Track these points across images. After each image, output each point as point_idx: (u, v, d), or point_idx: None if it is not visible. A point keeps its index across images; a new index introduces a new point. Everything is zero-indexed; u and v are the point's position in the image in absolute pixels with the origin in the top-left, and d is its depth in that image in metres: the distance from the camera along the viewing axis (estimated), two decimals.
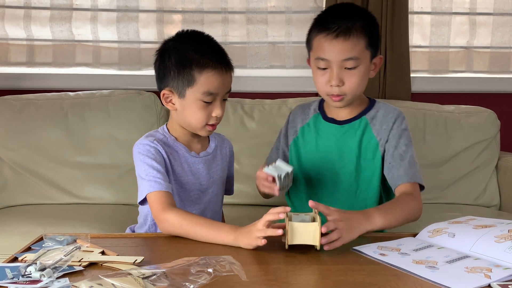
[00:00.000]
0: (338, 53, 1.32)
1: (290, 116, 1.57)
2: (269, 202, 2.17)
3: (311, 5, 2.50)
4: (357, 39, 1.32)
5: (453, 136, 2.28)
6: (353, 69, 1.34)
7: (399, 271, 0.97)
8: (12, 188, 2.14)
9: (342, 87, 1.34)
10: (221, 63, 1.28)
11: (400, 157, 1.38)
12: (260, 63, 2.51)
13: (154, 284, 0.86)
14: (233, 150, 1.51)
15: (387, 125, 1.41)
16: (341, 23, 1.32)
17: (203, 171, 1.36)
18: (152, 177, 1.24)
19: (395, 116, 1.42)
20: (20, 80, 2.44)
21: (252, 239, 1.07)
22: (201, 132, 1.33)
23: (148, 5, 2.48)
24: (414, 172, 1.36)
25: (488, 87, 2.60)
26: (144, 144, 1.29)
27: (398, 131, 1.40)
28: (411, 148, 1.40)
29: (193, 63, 1.26)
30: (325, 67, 1.35)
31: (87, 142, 2.17)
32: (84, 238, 1.09)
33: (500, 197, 2.29)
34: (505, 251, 1.00)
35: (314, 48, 1.38)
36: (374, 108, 1.45)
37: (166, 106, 1.33)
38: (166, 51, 1.31)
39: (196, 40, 1.32)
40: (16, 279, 0.89)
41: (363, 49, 1.34)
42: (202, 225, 1.14)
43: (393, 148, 1.39)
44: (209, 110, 1.29)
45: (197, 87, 1.26)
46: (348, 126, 1.44)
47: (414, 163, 1.38)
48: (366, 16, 1.39)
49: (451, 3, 2.53)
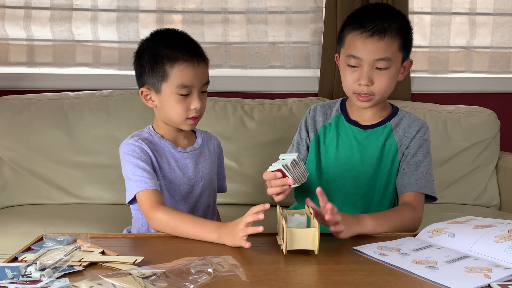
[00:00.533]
0: (371, 52, 1.31)
1: (310, 113, 1.52)
2: (268, 202, 2.17)
3: (311, 5, 2.50)
4: (392, 40, 1.31)
5: (453, 136, 2.28)
6: (384, 70, 1.32)
7: (399, 271, 0.97)
8: (12, 188, 2.14)
9: (371, 87, 1.33)
10: (192, 54, 1.29)
11: (415, 165, 1.38)
12: (260, 63, 2.51)
13: (154, 284, 0.86)
14: (221, 146, 1.53)
15: (410, 133, 1.41)
16: (377, 22, 1.31)
17: (190, 166, 1.38)
18: (138, 177, 1.26)
19: (419, 125, 1.42)
20: (20, 80, 2.44)
21: (237, 240, 1.08)
22: (183, 126, 1.34)
23: (148, 5, 2.48)
24: (425, 183, 1.36)
25: (488, 87, 2.60)
26: (129, 144, 1.32)
27: (420, 141, 1.40)
28: (428, 159, 1.40)
29: (164, 58, 1.28)
30: (355, 65, 1.34)
31: (87, 142, 2.17)
32: (84, 238, 1.09)
33: (500, 197, 2.29)
34: (505, 251, 1.00)
35: (346, 45, 1.36)
36: (398, 115, 1.45)
37: (146, 104, 1.36)
38: (141, 50, 1.35)
39: (169, 37, 1.34)
40: (16, 279, 0.89)
41: (396, 51, 1.33)
42: (188, 223, 1.17)
43: (410, 156, 1.39)
44: (187, 103, 1.30)
45: (171, 81, 1.29)
46: (372, 131, 1.43)
47: (427, 174, 1.38)
48: (402, 18, 1.38)
49: (451, 3, 2.53)
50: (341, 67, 1.41)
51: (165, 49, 1.29)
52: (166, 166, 1.35)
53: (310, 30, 2.51)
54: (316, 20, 2.51)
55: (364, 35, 1.31)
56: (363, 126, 1.44)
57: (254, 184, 2.18)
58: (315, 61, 2.52)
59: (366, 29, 1.31)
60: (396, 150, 1.41)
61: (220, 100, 2.29)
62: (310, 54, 2.53)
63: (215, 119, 2.22)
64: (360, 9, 1.43)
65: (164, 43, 1.31)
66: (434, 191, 1.37)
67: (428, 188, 1.36)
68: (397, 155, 1.41)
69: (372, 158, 1.41)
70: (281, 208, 1.13)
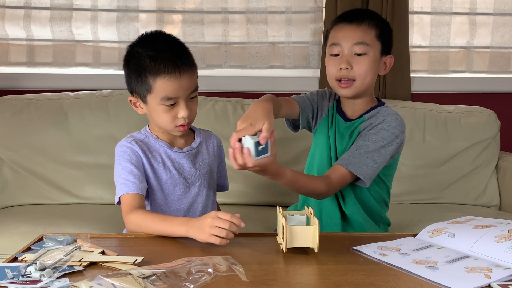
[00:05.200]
0: (349, 37, 1.41)
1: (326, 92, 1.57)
2: (268, 202, 2.18)
3: (311, 5, 2.50)
4: (369, 27, 1.42)
5: (453, 136, 2.28)
6: (363, 55, 1.41)
7: (399, 271, 0.97)
8: (12, 188, 2.14)
9: (350, 71, 1.41)
10: (175, 65, 1.27)
11: (359, 147, 1.39)
12: (260, 63, 2.51)
13: (154, 284, 0.86)
14: (222, 145, 1.52)
15: (374, 121, 1.44)
16: (357, 15, 1.45)
17: (187, 166, 1.38)
18: (123, 179, 1.29)
19: (385, 116, 1.43)
20: (20, 80, 2.44)
21: (205, 235, 1.09)
22: (174, 132, 1.35)
23: (148, 5, 2.48)
24: (356, 163, 1.36)
25: (488, 87, 2.60)
26: (121, 145, 1.34)
27: (377, 129, 1.41)
28: (377, 147, 1.39)
29: (147, 71, 1.28)
30: (337, 53, 1.43)
31: (87, 142, 2.17)
32: (84, 238, 1.09)
33: (500, 197, 2.29)
34: (505, 251, 1.00)
35: (329, 38, 1.47)
36: (377, 109, 1.47)
37: (136, 110, 1.37)
38: (128, 57, 1.35)
39: (154, 45, 1.31)
40: (16, 279, 0.89)
41: (374, 38, 1.42)
42: (156, 222, 1.20)
43: (362, 139, 1.41)
44: (174, 112, 1.30)
45: (155, 94, 1.28)
46: (351, 123, 1.48)
47: (365, 158, 1.37)
48: (382, 19, 1.49)
49: (451, 3, 2.53)
50: (326, 61, 1.48)
51: (148, 60, 1.27)
52: (160, 167, 1.35)
53: (310, 30, 2.51)
54: (316, 20, 2.51)
55: (344, 24, 1.44)
56: (346, 118, 1.50)
57: (254, 184, 2.18)
58: (315, 61, 2.52)
59: (346, 19, 1.44)
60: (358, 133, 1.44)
61: (220, 100, 2.29)
62: (310, 54, 2.53)
63: (215, 119, 2.22)
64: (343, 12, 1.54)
65: (148, 53, 1.29)
66: (363, 174, 1.36)
67: (357, 167, 1.36)
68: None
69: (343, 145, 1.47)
70: (281, 208, 1.13)
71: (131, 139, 1.35)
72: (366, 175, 1.37)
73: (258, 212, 2.05)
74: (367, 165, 1.37)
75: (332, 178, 1.36)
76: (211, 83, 2.43)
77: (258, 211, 2.08)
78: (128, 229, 1.27)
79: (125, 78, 1.37)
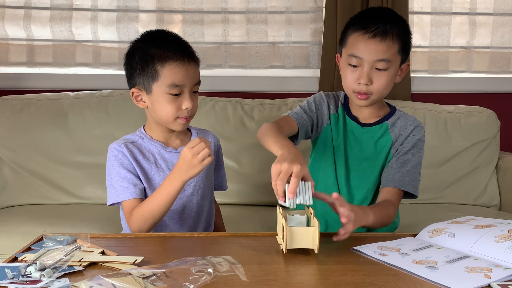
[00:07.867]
0: (372, 53, 1.35)
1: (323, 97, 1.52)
2: (268, 202, 2.18)
3: (311, 5, 2.50)
4: (392, 42, 1.36)
5: (453, 136, 2.28)
6: (384, 71, 1.37)
7: (399, 271, 0.97)
8: (12, 188, 2.14)
9: (369, 86, 1.38)
10: (183, 54, 1.30)
11: (403, 162, 1.43)
12: (260, 63, 2.51)
13: (154, 284, 0.86)
14: (219, 144, 1.52)
15: (405, 131, 1.46)
16: (379, 24, 1.35)
17: None
18: (119, 186, 1.30)
19: (414, 124, 1.47)
20: (20, 80, 2.44)
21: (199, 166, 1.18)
22: (174, 126, 1.34)
23: (148, 5, 2.48)
24: (408, 181, 1.41)
25: (488, 87, 2.60)
26: (112, 148, 1.35)
27: (414, 140, 1.45)
28: (417, 158, 1.45)
29: (155, 58, 1.29)
30: (356, 64, 1.38)
31: (87, 142, 2.17)
32: (84, 238, 1.09)
33: (500, 197, 2.29)
34: (505, 251, 1.00)
35: (349, 45, 1.40)
36: (395, 115, 1.49)
37: (137, 105, 1.37)
38: (131, 51, 1.36)
39: (159, 37, 1.35)
40: (16, 279, 0.89)
41: (396, 53, 1.38)
42: (152, 200, 1.25)
43: (402, 153, 1.44)
44: (178, 103, 1.30)
45: (162, 80, 1.29)
46: (369, 129, 1.48)
47: (414, 173, 1.43)
48: (402, 22, 1.42)
49: (451, 3, 2.53)
50: (342, 66, 1.45)
51: (155, 48, 1.30)
52: (152, 167, 1.35)
53: (310, 30, 2.51)
54: (316, 20, 2.51)
55: (367, 36, 1.35)
56: (361, 123, 1.49)
57: (254, 184, 2.18)
58: (315, 61, 2.52)
59: (369, 30, 1.35)
60: (391, 145, 1.46)
61: (220, 100, 2.29)
62: (310, 54, 2.53)
63: (215, 119, 2.22)
64: (363, 11, 1.49)
65: (154, 43, 1.31)
66: (416, 190, 1.43)
67: (411, 186, 1.41)
68: (391, 150, 1.46)
69: (366, 152, 1.47)
70: (281, 208, 1.13)
71: (121, 142, 1.35)
72: (417, 189, 1.43)
73: (258, 212, 2.05)
74: (416, 180, 1.43)
75: (393, 201, 1.38)
76: (211, 83, 2.43)
77: (258, 211, 2.08)
78: (135, 230, 1.27)
79: (127, 74, 1.37)
